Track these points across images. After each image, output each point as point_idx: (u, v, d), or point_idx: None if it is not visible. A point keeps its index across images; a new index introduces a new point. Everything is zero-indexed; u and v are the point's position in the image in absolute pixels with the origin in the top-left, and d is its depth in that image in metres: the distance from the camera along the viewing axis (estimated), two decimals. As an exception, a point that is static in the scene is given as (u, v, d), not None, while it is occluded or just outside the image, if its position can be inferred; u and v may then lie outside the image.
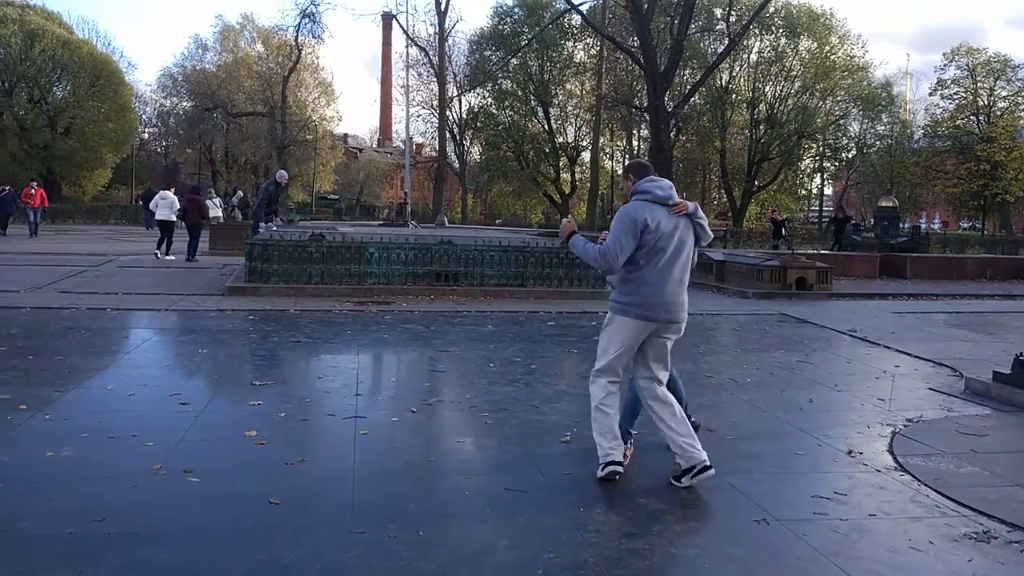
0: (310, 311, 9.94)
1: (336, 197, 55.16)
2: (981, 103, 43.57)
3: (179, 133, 51.07)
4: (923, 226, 39.10)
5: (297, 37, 40.78)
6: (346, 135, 66.78)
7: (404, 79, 36.33)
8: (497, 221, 47.22)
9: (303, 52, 43.73)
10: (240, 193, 31.69)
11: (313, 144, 47.74)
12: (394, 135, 70.29)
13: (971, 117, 43.79)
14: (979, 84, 43.47)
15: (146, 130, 54.97)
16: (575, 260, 12.76)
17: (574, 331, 9.33)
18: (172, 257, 16.48)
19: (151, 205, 18.38)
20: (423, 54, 42.07)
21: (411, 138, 39.76)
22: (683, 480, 3.98)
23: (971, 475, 4.28)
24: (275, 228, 14.09)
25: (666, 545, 3.39)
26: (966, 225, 54.53)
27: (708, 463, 3.97)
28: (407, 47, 35.82)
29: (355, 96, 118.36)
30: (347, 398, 5.63)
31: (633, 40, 32.91)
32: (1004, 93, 43.49)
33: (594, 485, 4.01)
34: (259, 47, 48.94)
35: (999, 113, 43.27)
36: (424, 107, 45.16)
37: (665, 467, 4.19)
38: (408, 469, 4.20)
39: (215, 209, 22.71)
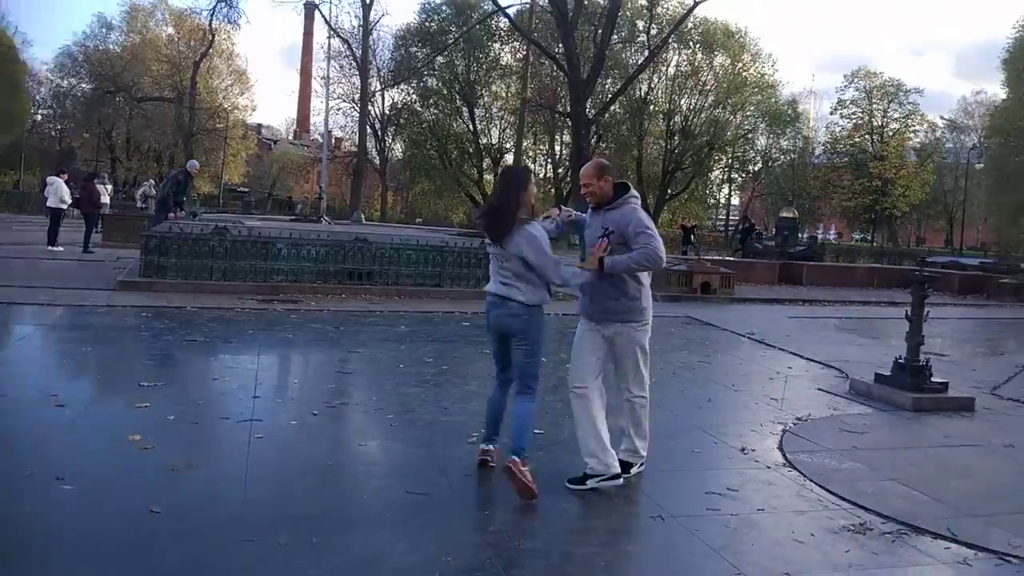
0: (209, 308, 9.54)
1: (246, 190, 53.48)
2: (876, 123, 46.35)
3: (76, 116, 48.33)
4: (819, 236, 41.20)
5: (211, 21, 39.23)
6: (260, 125, 64.79)
7: (325, 71, 35.58)
8: (418, 220, 46.75)
9: (217, 37, 42.17)
10: (152, 181, 30.19)
11: (223, 133, 46.07)
12: (312, 128, 68.66)
13: (866, 136, 46.53)
14: (874, 105, 46.29)
15: (40, 112, 51.78)
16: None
17: (487, 332, 9.30)
18: (60, 248, 15.57)
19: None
20: (346, 46, 41.26)
21: (330, 132, 38.89)
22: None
23: (851, 470, 4.51)
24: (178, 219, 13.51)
25: (564, 544, 3.42)
26: (858, 237, 57.68)
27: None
28: (329, 38, 35.01)
29: (271, 85, 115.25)
30: (244, 400, 5.42)
31: (558, 47, 33.35)
32: (896, 115, 46.47)
33: (497, 486, 3.99)
34: (170, 29, 47.05)
35: (891, 133, 46.21)
36: (345, 100, 44.38)
37: (568, 468, 4.22)
38: (305, 474, 4.07)
39: (104, 196, 21.55)
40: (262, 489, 3.81)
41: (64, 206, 16.57)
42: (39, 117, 52.58)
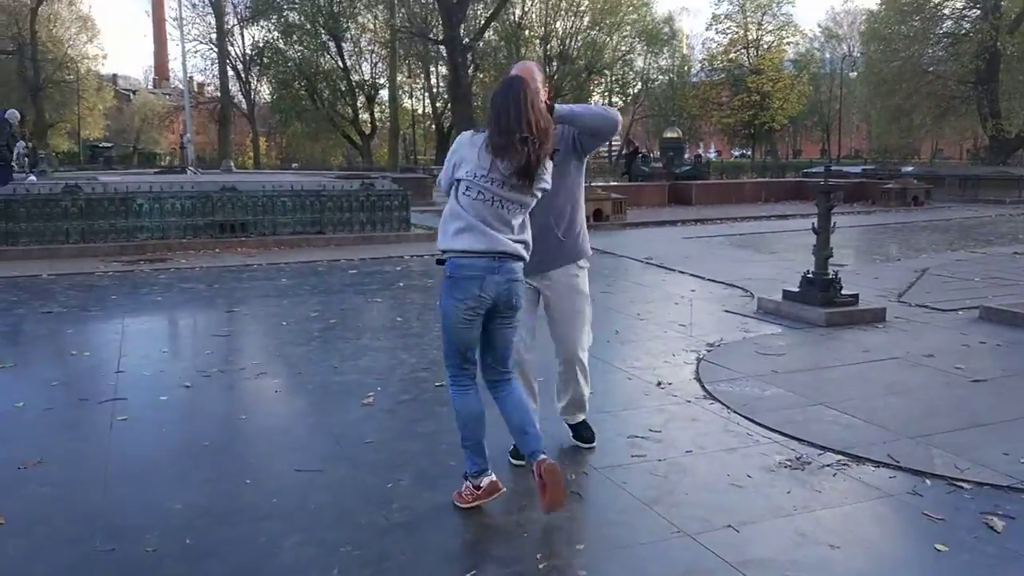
0: (68, 275, 8.59)
1: (109, 145, 49.59)
2: (751, 37, 47.17)
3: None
4: (704, 155, 42.04)
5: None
6: (115, 75, 60.13)
7: (177, 11, 32.81)
8: (294, 165, 44.64)
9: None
10: (22, 143, 26.91)
11: (75, 86, 42.15)
12: (171, 74, 64.18)
13: (742, 51, 47.31)
14: (748, 19, 46.96)
15: None
16: (376, 203, 12.09)
17: (378, 279, 8.77)
18: None
19: None
20: (196, -18, 38.24)
21: (190, 77, 36.14)
22: None
23: (776, 397, 4.27)
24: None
25: (486, 516, 2.98)
26: (737, 153, 59.42)
27: None
28: (177, -25, 32.32)
29: (121, 31, 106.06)
30: (106, 377, 4.78)
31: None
32: (770, 27, 47.37)
33: (397, 452, 3.57)
34: (-2, -25, 42.03)
35: (766, 47, 47.11)
36: (202, 42, 41.23)
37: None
38: (176, 459, 3.53)
39: None
40: (125, 483, 3.26)
41: None
42: None
